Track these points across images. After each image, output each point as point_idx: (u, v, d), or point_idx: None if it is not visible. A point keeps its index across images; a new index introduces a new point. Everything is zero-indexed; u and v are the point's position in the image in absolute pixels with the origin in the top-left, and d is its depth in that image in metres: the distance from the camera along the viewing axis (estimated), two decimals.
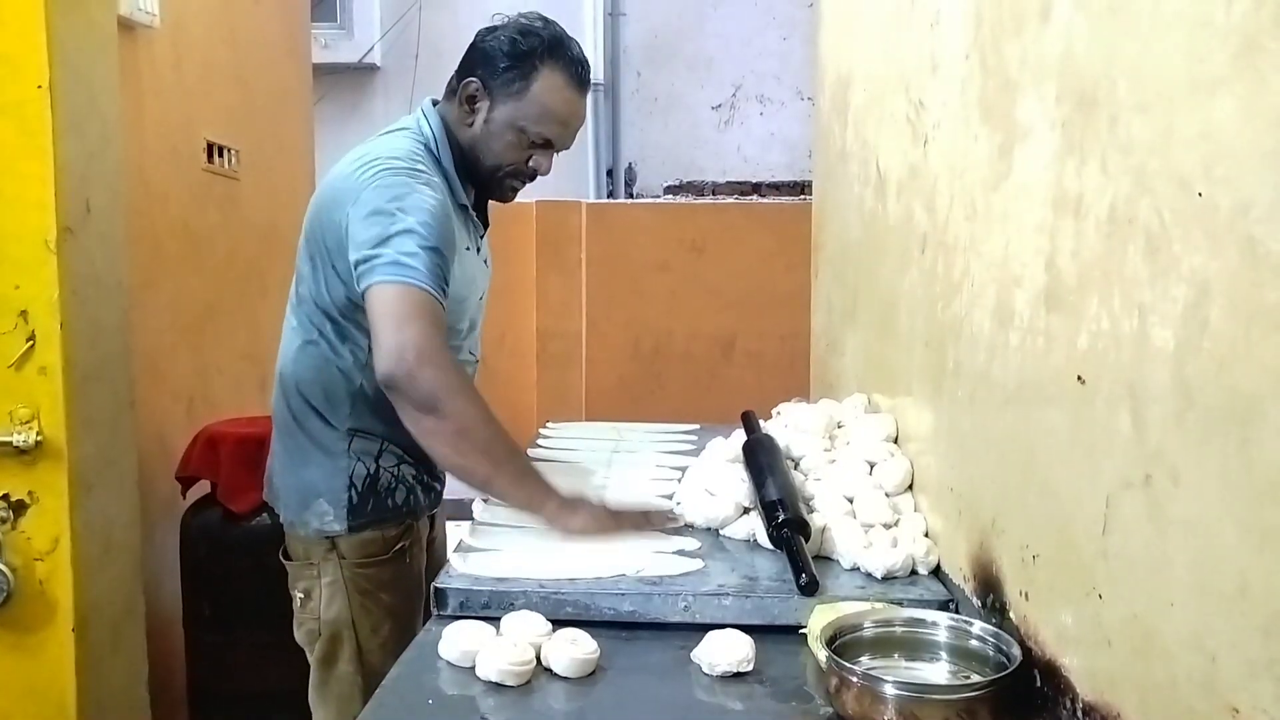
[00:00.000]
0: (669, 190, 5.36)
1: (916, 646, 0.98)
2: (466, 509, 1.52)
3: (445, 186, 1.51)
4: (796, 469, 1.43)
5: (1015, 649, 0.90)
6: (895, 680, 0.87)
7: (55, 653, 1.53)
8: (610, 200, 5.29)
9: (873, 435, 1.42)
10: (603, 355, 4.81)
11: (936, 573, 1.19)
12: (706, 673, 1.01)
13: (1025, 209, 0.92)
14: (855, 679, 0.88)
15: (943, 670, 0.96)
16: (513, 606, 1.12)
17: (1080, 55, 0.83)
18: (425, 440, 1.38)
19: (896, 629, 0.99)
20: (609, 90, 5.36)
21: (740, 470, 1.41)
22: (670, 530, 1.36)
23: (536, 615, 1.07)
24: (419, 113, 1.60)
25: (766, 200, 5.11)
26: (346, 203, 1.45)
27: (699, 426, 2.19)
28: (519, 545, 1.32)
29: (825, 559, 1.24)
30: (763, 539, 1.29)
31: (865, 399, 1.57)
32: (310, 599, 1.56)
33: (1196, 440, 0.65)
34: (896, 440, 1.42)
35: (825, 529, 1.25)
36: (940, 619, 0.99)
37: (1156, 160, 0.71)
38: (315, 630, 1.56)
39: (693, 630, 1.07)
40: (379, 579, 1.52)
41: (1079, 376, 0.81)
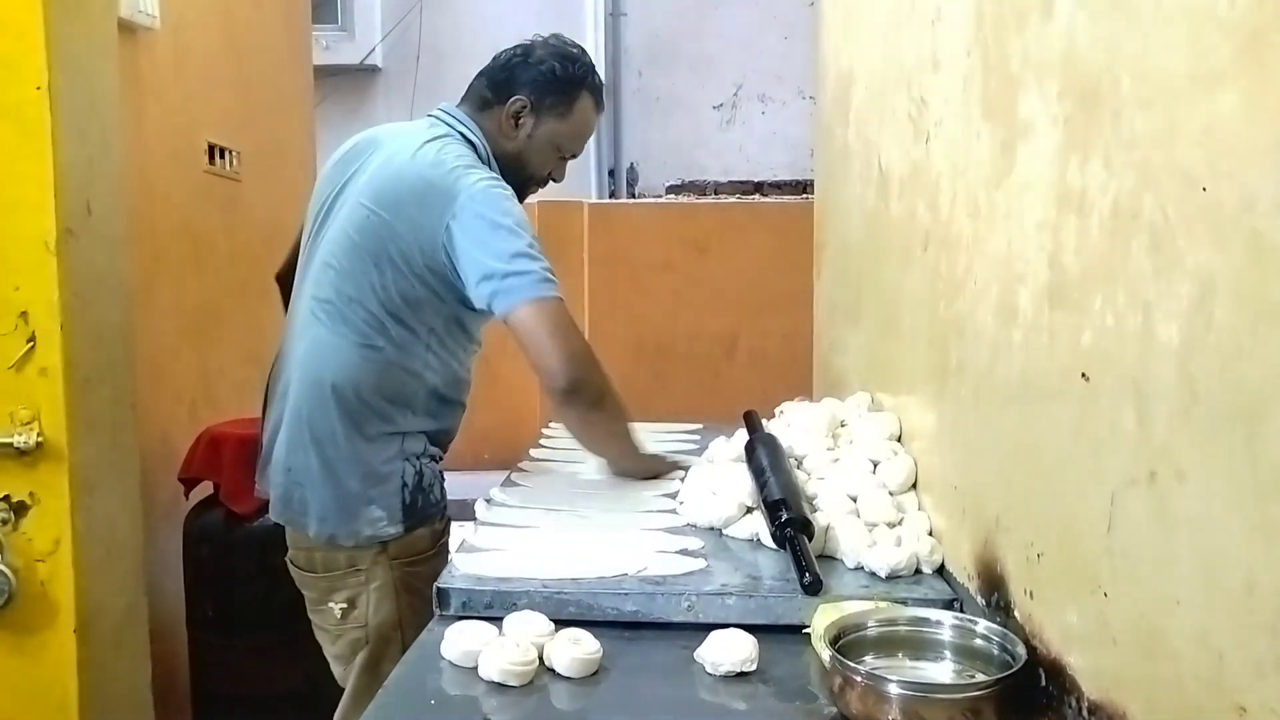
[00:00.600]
0: (671, 190, 5.36)
1: (921, 646, 0.97)
2: (469, 510, 1.52)
3: None
4: (799, 468, 1.43)
5: (1020, 648, 0.89)
6: (899, 680, 0.86)
7: (57, 654, 1.52)
8: (612, 200, 5.29)
9: (876, 434, 1.42)
10: (605, 355, 4.78)
11: (941, 571, 1.18)
12: (710, 672, 1.00)
13: (1028, 206, 0.92)
14: (859, 678, 0.87)
15: (947, 669, 0.96)
16: (515, 606, 1.11)
17: (1082, 51, 0.82)
18: (585, 431, 1.61)
19: (900, 628, 0.98)
20: (610, 90, 5.35)
21: (743, 469, 1.41)
22: (672, 530, 1.37)
23: (539, 615, 1.07)
24: (454, 119, 1.66)
25: (769, 199, 5.11)
26: (439, 209, 1.50)
27: (701, 426, 2.18)
28: (522, 545, 1.31)
29: (829, 558, 1.24)
30: (766, 538, 1.28)
31: (868, 398, 1.56)
32: (355, 607, 1.57)
33: (1202, 437, 0.65)
34: (900, 439, 1.41)
35: (829, 528, 1.25)
36: (944, 618, 0.98)
37: (1160, 156, 0.70)
38: (362, 638, 1.57)
39: (696, 630, 1.07)
40: (426, 575, 1.51)
41: (1083, 374, 0.81)
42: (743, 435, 1.54)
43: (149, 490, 1.95)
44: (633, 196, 5.38)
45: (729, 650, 1.00)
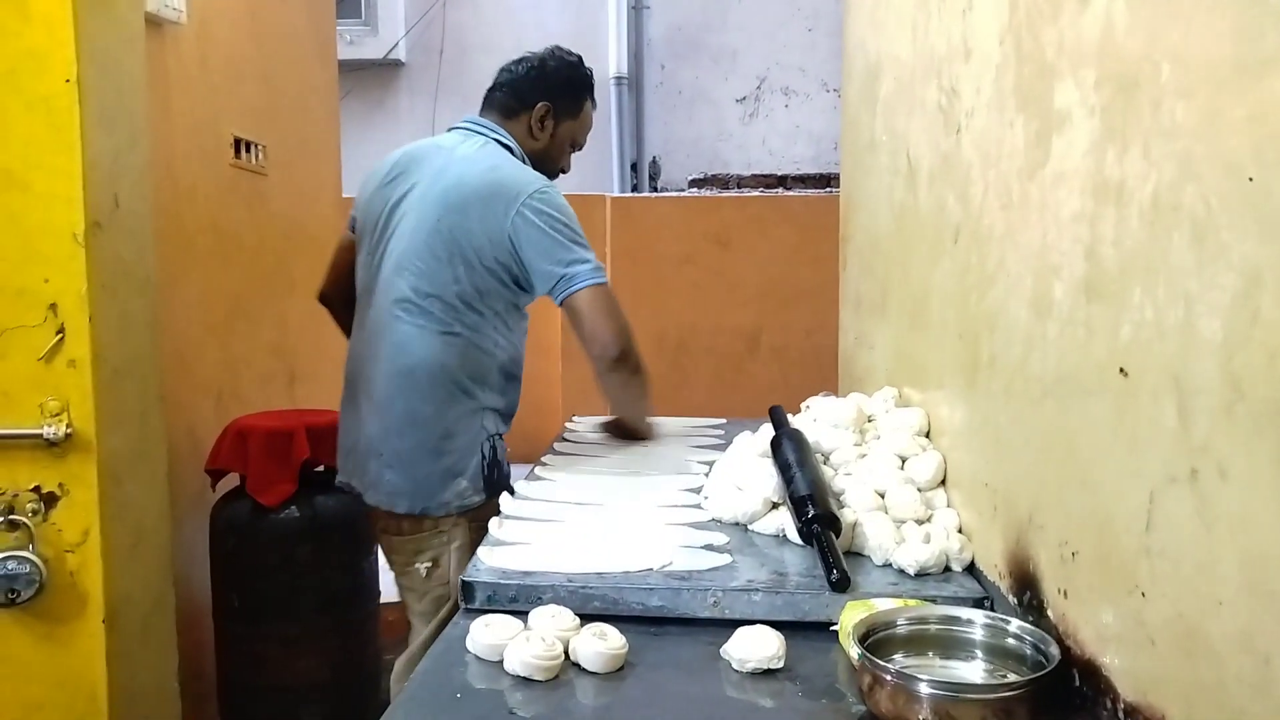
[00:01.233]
0: (693, 183, 5.34)
1: (951, 645, 0.96)
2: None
3: None
4: (826, 463, 1.41)
5: (1053, 648, 0.88)
6: (930, 679, 0.85)
7: (86, 644, 1.54)
8: (634, 194, 5.27)
9: (904, 429, 1.40)
10: None
11: (970, 569, 1.17)
12: (736, 669, 0.99)
13: (1064, 197, 0.90)
14: (889, 677, 0.86)
15: (978, 669, 0.94)
16: (540, 600, 1.11)
17: (1121, 38, 0.81)
18: (625, 393, 1.88)
19: (931, 626, 0.97)
20: (633, 83, 5.34)
21: (768, 465, 1.40)
22: (697, 525, 1.36)
23: (564, 609, 1.06)
24: (487, 128, 1.92)
25: (792, 193, 5.08)
26: (503, 206, 1.76)
27: (725, 420, 2.17)
28: (547, 539, 1.31)
29: (856, 555, 1.22)
30: (792, 534, 1.27)
31: (896, 392, 1.55)
32: (439, 566, 1.81)
33: (1246, 434, 0.63)
34: (928, 434, 1.39)
35: (856, 524, 1.23)
36: (976, 616, 0.97)
37: (1203, 145, 0.69)
38: (445, 594, 1.80)
39: (722, 626, 1.06)
40: None
41: (1121, 368, 0.79)
42: (767, 430, 1.53)
43: (176, 481, 1.97)
44: (655, 190, 5.36)
45: (755, 647, 0.99)
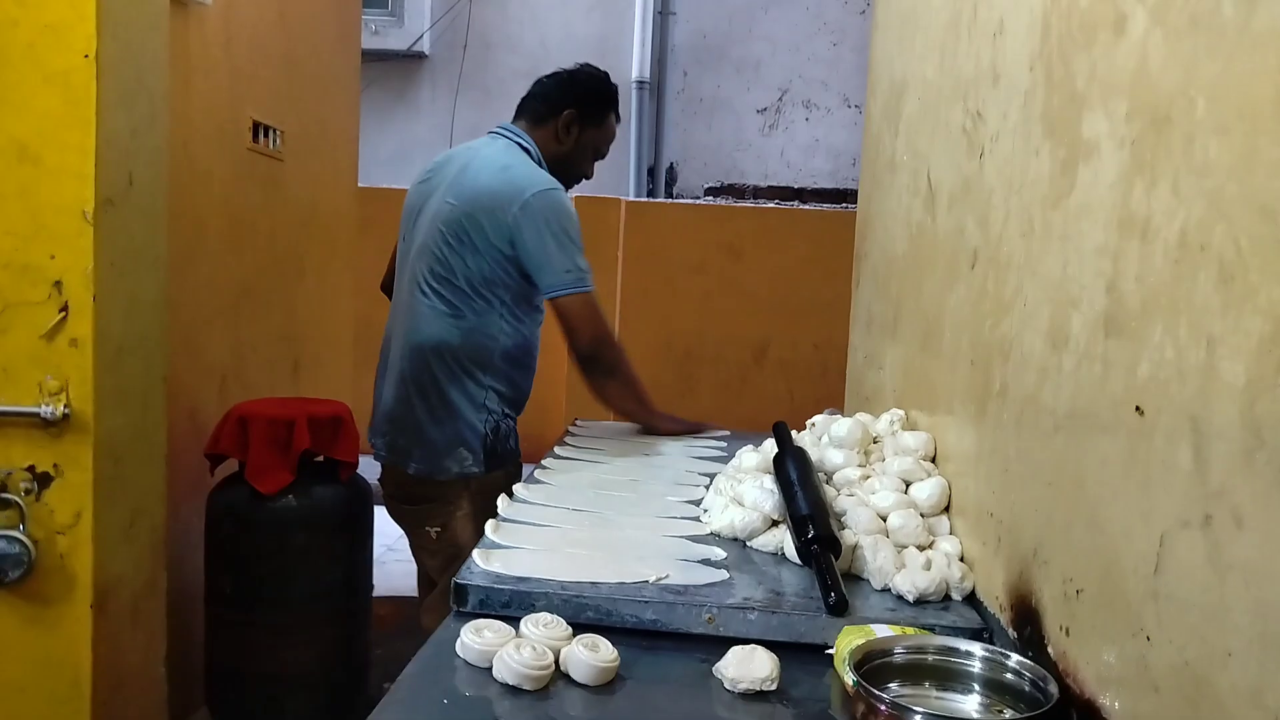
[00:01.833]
0: (709, 192, 5.33)
1: (949, 676, 0.94)
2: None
3: None
4: (828, 483, 1.40)
5: (1053, 685, 0.86)
6: (925, 711, 0.83)
7: (73, 628, 1.53)
8: (650, 199, 5.27)
9: (909, 452, 1.38)
10: (634, 355, 4.78)
11: (970, 599, 1.15)
12: (728, 689, 0.98)
13: (1087, 229, 0.89)
14: (883, 706, 0.84)
15: (975, 703, 0.92)
16: (533, 607, 1.10)
17: (1155, 70, 0.79)
18: (600, 392, 2.05)
19: (929, 656, 0.95)
20: (654, 89, 5.34)
21: (770, 481, 1.38)
22: (695, 538, 1.35)
23: (557, 618, 1.05)
24: (511, 133, 2.09)
25: (808, 207, 5.07)
26: (508, 201, 1.94)
27: (729, 433, 2.16)
28: (543, 544, 1.30)
29: (855, 578, 1.21)
30: (791, 553, 1.26)
31: (903, 415, 1.53)
32: (447, 530, 1.99)
33: (1266, 482, 0.61)
34: (934, 459, 1.38)
35: (856, 547, 1.22)
36: (975, 649, 0.95)
37: (1235, 184, 0.67)
38: (455, 553, 1.93)
39: (715, 643, 1.05)
40: (495, 509, 1.89)
41: (1137, 407, 0.77)
42: (770, 445, 1.51)
43: (175, 464, 1.96)
44: (670, 196, 5.35)
45: (749, 667, 0.98)
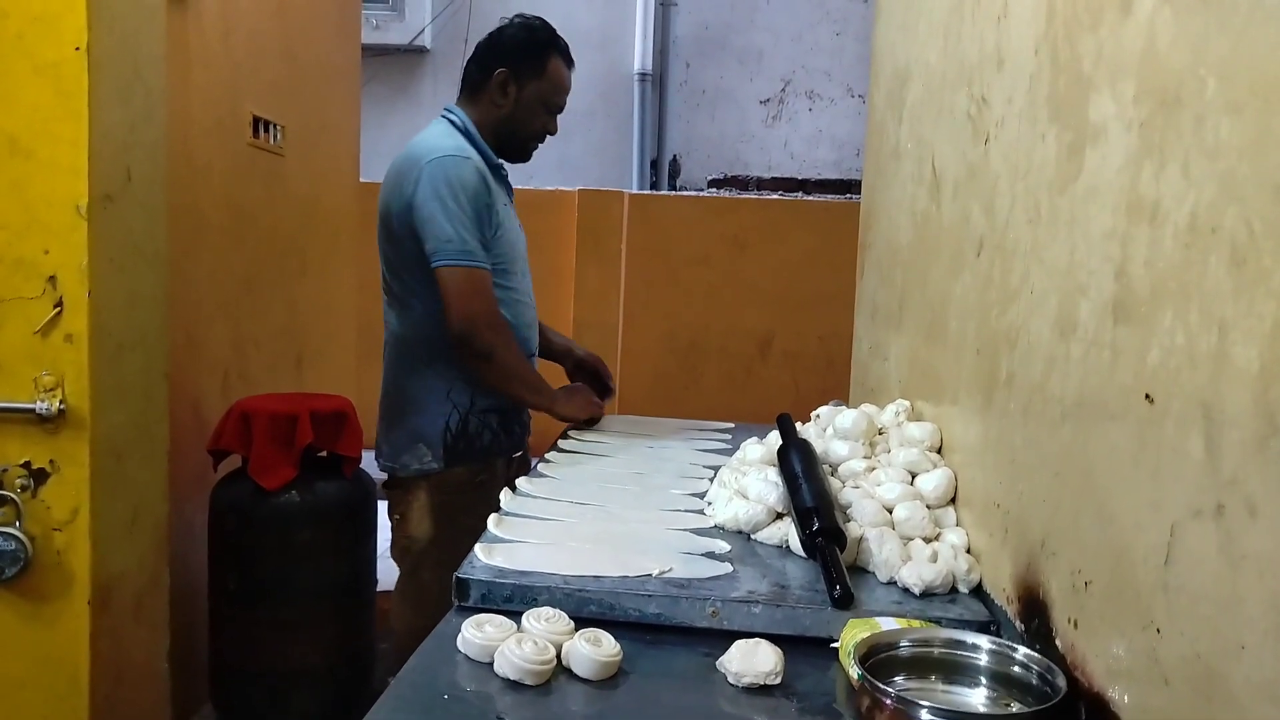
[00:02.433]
0: (713, 184, 5.30)
1: (955, 669, 0.93)
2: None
3: (482, 160, 1.91)
4: (833, 475, 1.39)
5: (1061, 679, 0.85)
6: (931, 705, 0.82)
7: (70, 625, 1.52)
8: (653, 192, 5.24)
9: (915, 443, 1.37)
10: (638, 348, 4.78)
11: (977, 592, 1.14)
12: (732, 683, 0.97)
13: (1095, 214, 0.87)
14: (889, 700, 0.83)
15: (982, 696, 0.91)
16: (535, 602, 1.09)
17: (1164, 51, 0.77)
18: (477, 373, 1.89)
19: (935, 649, 0.94)
20: (656, 80, 5.31)
21: (774, 473, 1.37)
22: (699, 531, 1.34)
23: (559, 612, 1.04)
24: (448, 114, 1.99)
25: (812, 198, 5.04)
26: (408, 179, 1.84)
27: (733, 425, 2.15)
28: (545, 538, 1.29)
29: (860, 570, 1.19)
30: (795, 545, 1.25)
31: (908, 405, 1.51)
32: (406, 521, 1.94)
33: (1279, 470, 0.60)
34: (940, 450, 1.36)
35: (862, 539, 1.21)
36: (982, 642, 0.94)
37: (1247, 165, 0.65)
38: (408, 546, 1.93)
39: (719, 637, 1.04)
40: (460, 505, 1.88)
41: (1147, 394, 0.76)
42: (775, 437, 1.50)
43: (178, 460, 1.95)
44: (674, 189, 5.33)
45: (753, 661, 0.97)
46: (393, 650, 1.99)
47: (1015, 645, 0.93)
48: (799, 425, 1.57)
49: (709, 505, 1.43)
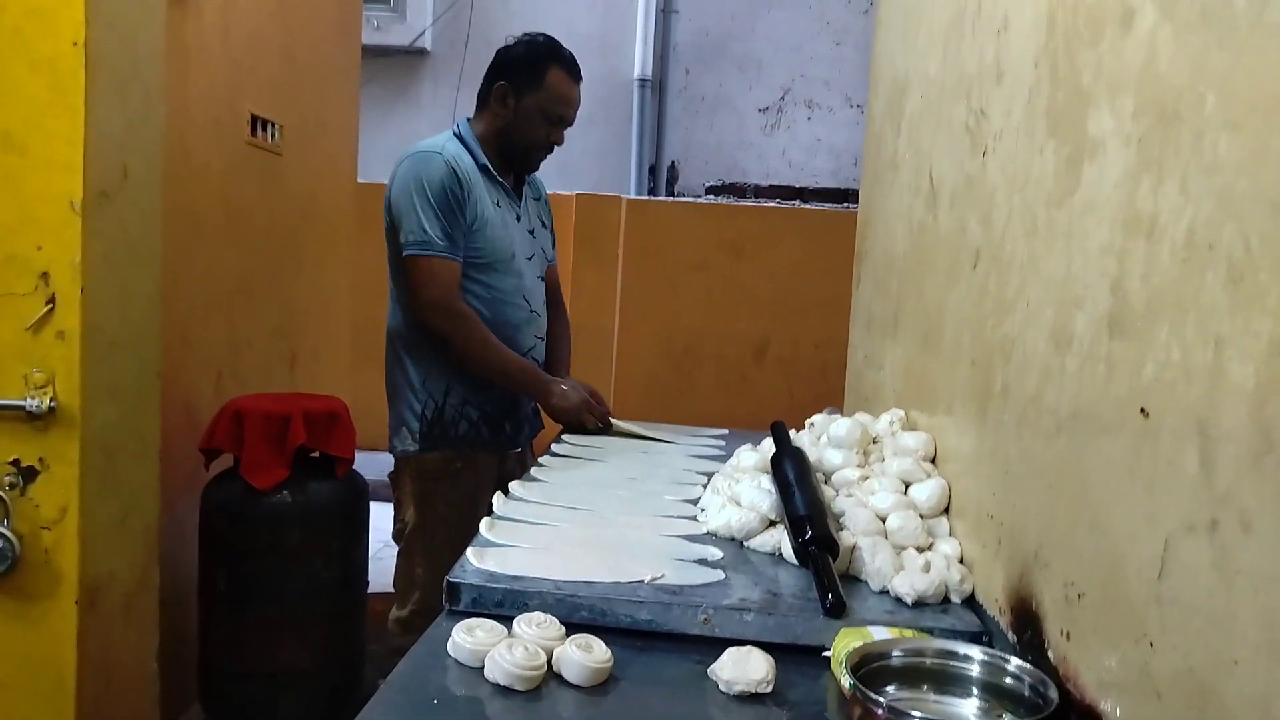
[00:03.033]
0: (710, 190, 5.31)
1: (947, 680, 0.93)
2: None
3: (473, 163, 2.03)
4: (827, 484, 1.38)
5: (1053, 690, 0.85)
6: (923, 715, 0.82)
7: (57, 625, 1.50)
8: (651, 197, 5.25)
9: (909, 453, 1.37)
10: (634, 352, 4.78)
11: (970, 602, 1.14)
12: (723, 691, 0.96)
13: (1092, 227, 0.87)
14: (880, 710, 0.83)
15: (973, 707, 0.91)
16: (526, 606, 1.08)
17: (1164, 66, 0.78)
18: (451, 353, 1.99)
19: (927, 660, 0.94)
20: (656, 87, 5.32)
21: (767, 481, 1.37)
22: (692, 538, 1.33)
23: (550, 618, 1.04)
24: (454, 128, 2.11)
25: (809, 206, 5.05)
26: (390, 183, 2.01)
27: (727, 432, 2.15)
28: (538, 542, 1.28)
29: (853, 579, 1.19)
30: (788, 553, 1.24)
31: (903, 415, 1.52)
32: (401, 505, 2.07)
33: (1276, 486, 0.60)
34: (934, 460, 1.36)
35: (855, 548, 1.20)
36: (974, 652, 0.94)
37: (1245, 181, 0.66)
38: (401, 528, 2.06)
39: (711, 644, 1.03)
40: (438, 493, 2.02)
41: (1142, 409, 0.76)
42: (769, 444, 1.50)
43: (169, 459, 1.94)
44: (672, 195, 5.34)
45: (745, 669, 0.96)
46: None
47: (1008, 656, 0.93)
48: (793, 432, 1.57)
49: (702, 512, 1.43)
